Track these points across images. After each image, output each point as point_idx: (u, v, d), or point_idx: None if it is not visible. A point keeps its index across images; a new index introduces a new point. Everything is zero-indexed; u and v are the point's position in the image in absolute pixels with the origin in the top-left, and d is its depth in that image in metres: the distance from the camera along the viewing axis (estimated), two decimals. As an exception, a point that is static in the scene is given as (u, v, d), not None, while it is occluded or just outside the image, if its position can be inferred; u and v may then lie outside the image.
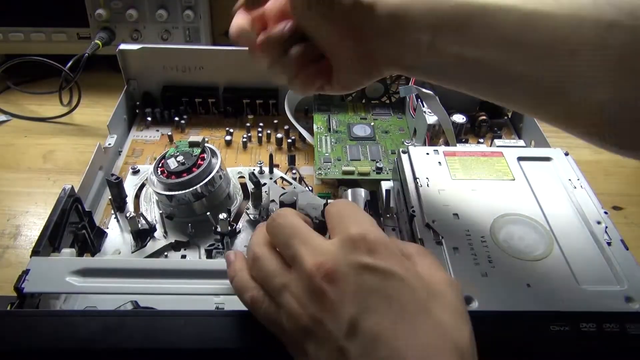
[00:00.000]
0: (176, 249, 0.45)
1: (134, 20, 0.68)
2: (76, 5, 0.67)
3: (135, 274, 0.34)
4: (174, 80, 0.63)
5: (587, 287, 0.35)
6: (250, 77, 0.62)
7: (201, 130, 0.62)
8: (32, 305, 0.34)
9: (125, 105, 0.61)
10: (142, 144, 0.60)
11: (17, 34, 0.69)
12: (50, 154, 0.61)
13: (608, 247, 0.38)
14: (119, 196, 0.48)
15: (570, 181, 0.43)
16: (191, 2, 0.68)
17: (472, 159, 0.45)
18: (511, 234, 0.38)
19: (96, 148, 0.52)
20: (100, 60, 0.71)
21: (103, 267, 0.34)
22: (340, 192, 0.52)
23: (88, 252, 0.44)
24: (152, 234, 0.45)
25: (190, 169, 0.45)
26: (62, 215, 0.40)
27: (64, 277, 0.33)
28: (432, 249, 0.37)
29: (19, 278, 0.33)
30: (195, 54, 0.61)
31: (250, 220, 0.47)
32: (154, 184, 0.46)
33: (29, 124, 0.66)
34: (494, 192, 0.42)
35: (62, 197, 0.40)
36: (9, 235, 0.50)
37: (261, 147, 0.60)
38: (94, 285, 0.33)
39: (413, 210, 0.40)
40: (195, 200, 0.45)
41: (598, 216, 0.40)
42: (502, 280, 0.35)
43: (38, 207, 0.53)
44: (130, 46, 0.60)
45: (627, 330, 0.30)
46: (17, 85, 0.71)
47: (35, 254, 0.36)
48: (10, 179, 0.57)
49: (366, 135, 0.57)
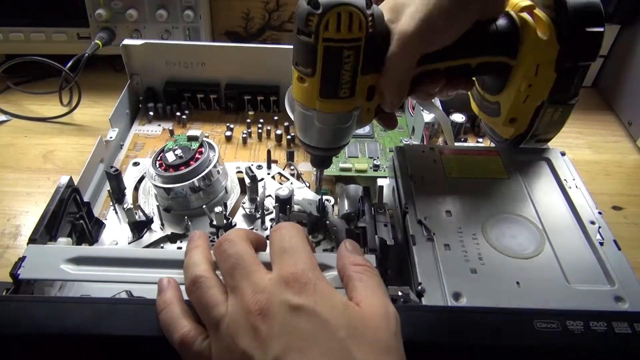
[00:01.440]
0: (172, 241, 0.46)
1: (134, 20, 0.68)
2: (76, 5, 0.68)
3: (129, 263, 0.35)
4: (176, 76, 0.63)
5: (577, 286, 0.35)
6: (251, 74, 0.63)
7: (202, 126, 0.63)
8: (28, 292, 0.35)
9: (128, 99, 0.62)
10: (144, 138, 0.60)
11: (17, 34, 0.70)
12: (50, 154, 0.62)
13: (600, 247, 0.38)
14: (118, 188, 0.48)
15: (565, 181, 0.43)
16: (191, 2, 0.68)
17: (468, 157, 0.45)
18: (503, 232, 0.39)
19: (97, 141, 0.52)
20: (100, 60, 0.71)
21: (97, 256, 0.35)
22: (337, 188, 0.52)
23: (86, 242, 0.44)
24: (149, 226, 0.46)
25: (188, 163, 0.46)
26: (59, 204, 0.40)
27: (59, 265, 0.34)
28: (423, 246, 0.37)
29: (15, 264, 0.34)
30: (198, 50, 0.62)
31: (246, 215, 0.47)
32: (152, 176, 0.46)
33: (29, 124, 0.67)
34: (488, 191, 0.42)
35: (60, 187, 0.41)
36: (9, 235, 0.51)
37: (261, 143, 0.60)
38: (88, 273, 0.34)
39: (406, 206, 0.40)
40: (192, 193, 0.46)
41: (592, 216, 0.40)
42: (491, 278, 0.35)
43: (38, 207, 0.54)
44: (134, 41, 0.61)
45: (615, 329, 0.30)
46: (17, 85, 0.72)
47: (32, 242, 0.37)
48: (10, 179, 0.58)
49: (365, 133, 0.58)
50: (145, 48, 0.61)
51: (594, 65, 0.77)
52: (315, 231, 0.46)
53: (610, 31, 0.73)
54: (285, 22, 0.80)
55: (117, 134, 0.57)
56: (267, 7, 0.78)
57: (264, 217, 0.47)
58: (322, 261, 0.35)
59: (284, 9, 0.78)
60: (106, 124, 0.57)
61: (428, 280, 0.35)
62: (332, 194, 0.52)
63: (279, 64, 0.61)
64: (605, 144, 0.67)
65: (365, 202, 0.42)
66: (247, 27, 0.80)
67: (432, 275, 0.35)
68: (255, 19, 0.79)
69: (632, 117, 0.69)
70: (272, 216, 0.47)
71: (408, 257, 0.38)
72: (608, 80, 0.77)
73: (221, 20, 0.79)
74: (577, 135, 0.68)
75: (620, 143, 0.68)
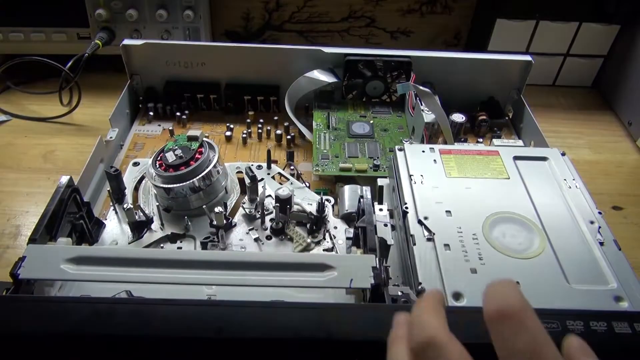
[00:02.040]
0: (172, 240, 0.46)
1: (134, 20, 0.68)
2: (76, 5, 0.68)
3: (128, 263, 0.35)
4: (176, 76, 0.63)
5: (577, 286, 0.35)
6: (251, 74, 0.63)
7: (202, 126, 0.63)
8: (28, 292, 0.35)
9: (128, 99, 0.62)
10: (144, 138, 0.60)
11: (17, 34, 0.70)
12: (50, 154, 0.62)
13: (600, 247, 0.38)
14: (118, 188, 0.48)
15: (565, 181, 0.43)
16: (191, 2, 0.68)
17: (468, 157, 0.45)
18: (503, 232, 0.39)
19: (97, 141, 0.52)
20: (100, 60, 0.71)
21: (97, 256, 0.35)
22: (337, 188, 0.52)
23: (86, 242, 0.44)
24: (149, 226, 0.46)
25: (188, 163, 0.46)
26: (59, 204, 0.40)
27: (58, 265, 0.34)
28: (423, 245, 0.37)
29: (15, 264, 0.34)
30: (198, 50, 0.62)
31: (246, 215, 0.47)
32: (152, 176, 0.46)
33: (29, 124, 0.67)
34: (488, 191, 0.42)
35: (60, 187, 0.41)
36: (9, 235, 0.51)
37: (261, 143, 0.60)
38: (88, 273, 0.34)
39: (406, 206, 0.40)
40: (192, 193, 0.46)
41: (592, 216, 0.40)
42: (492, 277, 0.35)
43: (38, 207, 0.54)
44: (134, 41, 0.61)
45: (614, 329, 0.30)
46: (17, 85, 0.72)
47: (32, 241, 0.37)
48: (11, 179, 0.58)
49: (365, 133, 0.58)
50: (145, 48, 0.61)
51: (594, 65, 0.77)
52: (316, 231, 0.46)
53: (610, 31, 0.73)
54: (285, 22, 0.80)
55: (117, 134, 0.57)
56: (267, 7, 0.78)
57: (264, 217, 0.47)
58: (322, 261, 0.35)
59: (284, 9, 0.78)
60: (106, 124, 0.57)
61: (428, 280, 0.35)
62: (332, 194, 0.52)
63: (279, 64, 0.62)
64: (605, 144, 0.67)
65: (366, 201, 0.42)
66: (247, 27, 0.81)
67: (432, 275, 0.35)
68: (255, 19, 0.79)
69: (632, 117, 0.69)
70: (272, 216, 0.47)
71: (408, 257, 0.38)
72: (608, 80, 0.77)
73: (221, 20, 0.79)
74: (577, 135, 0.68)
75: (620, 143, 0.68)
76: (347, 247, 0.44)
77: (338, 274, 0.34)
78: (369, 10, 0.79)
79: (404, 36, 0.82)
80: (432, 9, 0.79)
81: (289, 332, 0.30)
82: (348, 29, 0.81)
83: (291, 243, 0.45)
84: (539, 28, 0.72)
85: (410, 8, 0.78)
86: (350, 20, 0.80)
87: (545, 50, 0.75)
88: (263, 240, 0.46)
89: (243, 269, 0.35)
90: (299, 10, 0.78)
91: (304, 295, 0.40)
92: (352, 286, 0.34)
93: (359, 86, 0.62)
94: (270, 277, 0.35)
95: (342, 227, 0.46)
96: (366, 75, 0.61)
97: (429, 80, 0.60)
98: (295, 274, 0.35)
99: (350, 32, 0.81)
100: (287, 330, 0.31)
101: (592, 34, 0.73)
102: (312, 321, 0.31)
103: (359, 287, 0.34)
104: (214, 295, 0.39)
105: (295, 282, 0.35)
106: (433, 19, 0.80)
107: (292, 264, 0.35)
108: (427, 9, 0.78)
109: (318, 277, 0.35)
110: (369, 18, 0.79)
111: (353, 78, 0.62)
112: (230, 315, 0.31)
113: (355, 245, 0.41)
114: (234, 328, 0.30)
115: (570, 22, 0.72)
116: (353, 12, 0.79)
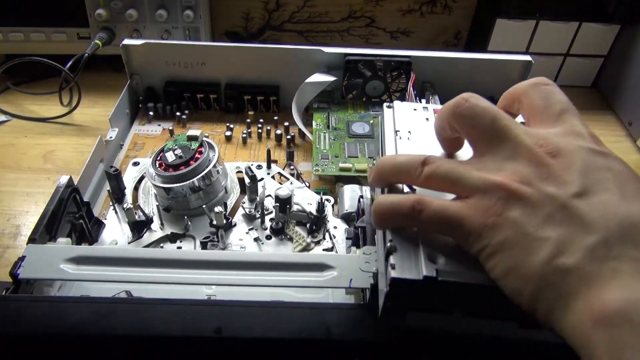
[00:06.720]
0: (172, 240, 0.46)
1: (134, 20, 0.68)
2: (76, 5, 0.68)
3: (128, 263, 0.35)
4: (176, 76, 0.63)
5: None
6: (251, 74, 0.63)
7: (202, 125, 0.63)
8: (27, 292, 0.35)
9: (128, 99, 0.62)
10: (144, 138, 0.60)
11: (17, 34, 0.69)
12: (50, 154, 0.62)
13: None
14: (118, 188, 0.48)
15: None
16: (191, 2, 0.68)
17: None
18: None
19: (97, 141, 0.52)
20: (100, 60, 0.71)
21: (97, 256, 0.35)
22: (337, 188, 0.52)
23: (86, 242, 0.44)
24: (149, 226, 0.46)
25: (188, 162, 0.46)
26: (59, 204, 0.40)
27: (58, 265, 0.34)
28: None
29: (14, 264, 0.34)
30: (198, 50, 0.62)
31: (246, 214, 0.47)
32: (152, 176, 0.46)
33: (29, 124, 0.67)
34: None
35: (60, 186, 0.41)
36: (9, 235, 0.51)
37: (261, 143, 0.60)
38: (88, 273, 0.34)
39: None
40: (192, 193, 0.46)
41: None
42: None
43: (38, 207, 0.54)
44: (134, 41, 0.61)
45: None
46: (17, 85, 0.72)
47: (31, 241, 0.36)
48: (10, 179, 0.58)
49: (365, 133, 0.58)
50: (145, 48, 0.61)
51: (594, 65, 0.77)
52: (315, 231, 0.46)
53: (610, 31, 0.73)
54: (285, 22, 0.80)
55: (117, 134, 0.57)
56: (267, 7, 0.78)
57: (263, 217, 0.47)
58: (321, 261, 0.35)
59: (284, 9, 0.78)
60: (106, 124, 0.56)
61: None
62: (332, 193, 0.52)
63: (279, 64, 0.62)
64: (606, 144, 0.67)
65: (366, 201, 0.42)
66: (247, 27, 0.81)
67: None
68: (255, 19, 0.79)
69: (632, 117, 0.69)
70: (271, 216, 0.47)
71: None
72: (608, 80, 0.77)
73: (221, 20, 0.79)
74: (577, 135, 0.68)
75: (620, 143, 0.68)
76: (347, 247, 0.44)
77: (338, 273, 0.34)
78: (369, 10, 0.79)
79: (404, 36, 0.82)
80: (432, 9, 0.79)
81: (288, 332, 0.30)
82: (348, 29, 0.81)
83: (291, 243, 0.45)
84: (539, 28, 0.72)
85: (410, 8, 0.78)
86: (350, 20, 0.80)
87: (545, 50, 0.75)
88: (263, 240, 0.46)
89: (243, 268, 0.35)
90: (299, 10, 0.78)
91: (303, 295, 0.40)
92: (351, 286, 0.34)
93: (359, 86, 0.62)
94: (270, 277, 0.35)
95: (342, 227, 0.46)
96: (366, 75, 0.61)
97: (429, 80, 0.61)
98: (294, 273, 0.35)
99: (350, 32, 0.81)
100: (286, 330, 0.31)
101: (592, 33, 0.73)
102: (312, 321, 0.31)
103: (358, 287, 0.34)
104: (214, 295, 0.39)
105: (295, 282, 0.35)
106: (433, 19, 0.80)
107: (291, 264, 0.35)
108: (427, 9, 0.78)
109: (318, 277, 0.35)
110: (369, 18, 0.80)
111: (353, 78, 0.62)
112: (230, 315, 0.31)
113: (355, 245, 0.41)
114: (233, 328, 0.30)
115: (570, 22, 0.72)
116: (353, 12, 0.79)
